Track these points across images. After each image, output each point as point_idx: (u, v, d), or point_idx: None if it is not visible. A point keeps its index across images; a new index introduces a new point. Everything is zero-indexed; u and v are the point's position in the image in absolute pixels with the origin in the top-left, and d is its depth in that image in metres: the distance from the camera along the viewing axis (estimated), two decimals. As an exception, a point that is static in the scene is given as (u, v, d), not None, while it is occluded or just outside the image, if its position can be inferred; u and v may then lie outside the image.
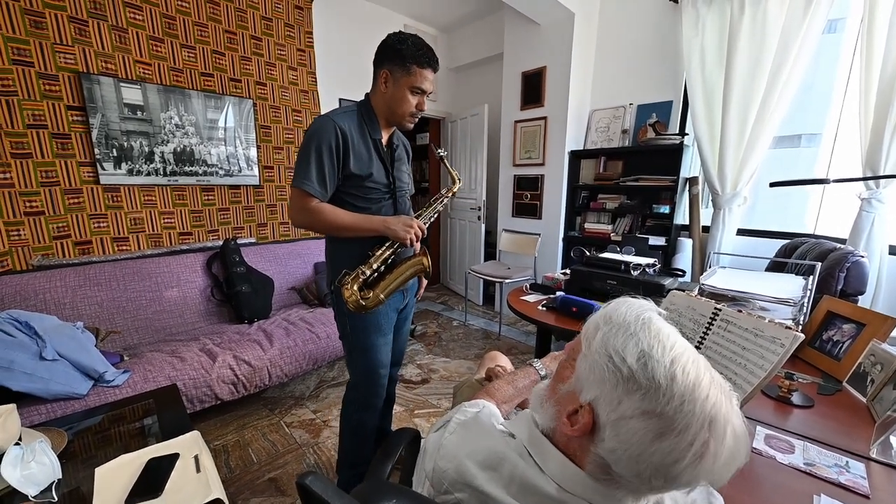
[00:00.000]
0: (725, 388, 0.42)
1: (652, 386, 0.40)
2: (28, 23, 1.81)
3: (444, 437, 0.59)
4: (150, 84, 2.18)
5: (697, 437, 0.39)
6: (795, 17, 2.01)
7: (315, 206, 1.10)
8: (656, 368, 0.41)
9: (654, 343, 0.43)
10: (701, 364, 0.43)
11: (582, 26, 2.73)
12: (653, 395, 0.40)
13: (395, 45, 1.09)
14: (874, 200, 1.82)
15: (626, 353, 0.43)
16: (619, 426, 0.42)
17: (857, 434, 0.77)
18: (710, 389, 0.40)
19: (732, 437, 0.40)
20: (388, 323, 1.27)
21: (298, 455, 1.67)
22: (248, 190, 2.67)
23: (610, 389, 0.43)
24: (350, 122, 1.12)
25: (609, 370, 0.43)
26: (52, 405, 1.37)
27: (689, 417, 0.39)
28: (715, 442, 0.39)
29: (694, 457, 0.39)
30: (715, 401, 0.40)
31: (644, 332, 0.44)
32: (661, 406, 0.40)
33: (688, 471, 0.39)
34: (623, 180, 2.72)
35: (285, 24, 2.69)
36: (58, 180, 1.97)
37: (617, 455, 0.42)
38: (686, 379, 0.40)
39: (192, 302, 2.22)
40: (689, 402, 0.39)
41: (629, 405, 0.41)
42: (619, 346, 0.44)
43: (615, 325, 0.46)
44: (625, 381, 0.42)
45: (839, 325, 1.06)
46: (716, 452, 0.39)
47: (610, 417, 0.42)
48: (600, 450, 0.43)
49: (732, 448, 0.40)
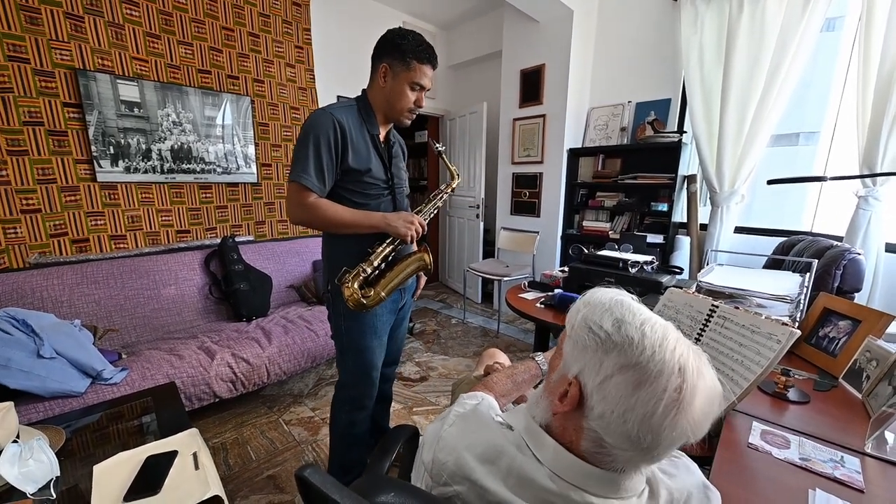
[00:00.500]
0: (694, 348, 0.46)
1: (626, 342, 0.45)
2: (23, 18, 1.80)
3: (444, 428, 0.60)
4: (147, 81, 2.17)
5: (670, 383, 0.42)
6: (794, 15, 2.01)
7: (313, 201, 1.07)
8: (628, 329, 0.46)
9: (626, 312, 0.49)
10: (669, 326, 0.48)
11: (581, 24, 2.73)
12: (627, 349, 0.45)
13: (395, 39, 1.08)
14: (871, 198, 1.83)
15: (602, 322, 0.48)
16: (603, 388, 0.45)
17: (853, 429, 0.77)
18: (677, 343, 0.45)
19: (703, 385, 0.44)
20: (384, 325, 1.25)
21: (297, 452, 1.67)
22: (246, 187, 2.66)
23: (591, 355, 0.47)
24: (349, 116, 1.10)
25: (590, 338, 0.48)
26: (49, 403, 1.36)
27: (660, 364, 0.43)
28: (688, 387, 0.42)
29: (670, 402, 0.42)
30: (682, 352, 0.44)
31: (617, 307, 0.50)
32: (636, 357, 0.44)
33: (668, 419, 0.42)
34: (621, 178, 2.72)
35: (283, 21, 2.68)
36: (54, 178, 1.96)
37: (606, 420, 0.45)
38: (654, 334, 0.45)
39: (191, 300, 2.21)
40: (660, 352, 0.43)
41: (609, 363, 0.45)
42: (596, 318, 0.49)
43: (593, 305, 0.52)
44: (603, 343, 0.47)
45: (835, 322, 1.06)
46: (690, 398, 0.42)
47: (595, 382, 0.46)
48: (591, 420, 0.47)
49: (706, 395, 0.43)
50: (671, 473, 0.55)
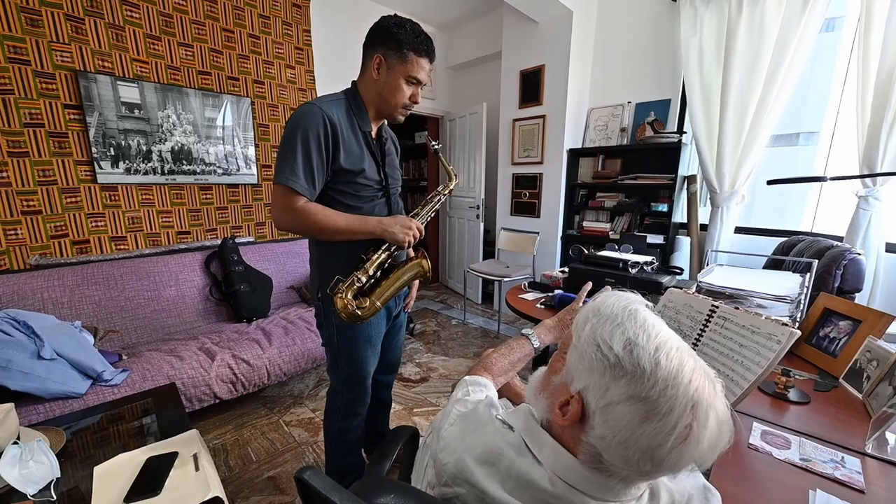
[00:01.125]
0: (710, 374, 0.44)
1: (637, 371, 0.42)
2: (24, 21, 1.80)
3: (445, 428, 0.60)
4: (147, 82, 2.17)
5: (681, 420, 0.40)
6: (793, 16, 2.01)
7: (303, 206, 0.98)
8: (641, 355, 0.42)
9: (640, 332, 0.44)
10: (685, 351, 0.44)
11: (580, 24, 2.73)
12: (638, 379, 0.41)
13: (391, 28, 0.98)
14: (871, 198, 1.83)
15: (612, 342, 0.44)
16: (607, 412, 0.43)
17: (853, 430, 0.77)
18: (693, 374, 0.42)
19: (715, 420, 0.41)
20: (377, 333, 1.20)
21: (297, 454, 1.67)
22: (246, 189, 2.66)
23: (598, 377, 0.44)
24: (338, 111, 1.01)
25: (597, 358, 0.45)
26: (50, 404, 1.36)
27: (672, 401, 0.40)
28: (698, 425, 0.40)
29: (678, 439, 0.40)
30: (698, 385, 0.41)
31: (630, 322, 0.46)
32: (646, 390, 0.41)
33: (673, 454, 0.40)
34: (621, 179, 2.72)
35: (283, 23, 2.68)
36: (55, 179, 1.96)
37: (606, 442, 0.43)
38: (669, 364, 0.42)
39: (191, 301, 2.22)
40: (673, 387, 0.40)
41: (616, 391, 0.42)
42: (606, 335, 0.45)
43: (603, 316, 0.48)
44: (611, 368, 0.43)
45: (835, 322, 1.06)
46: (699, 435, 0.40)
47: (599, 404, 0.44)
48: (591, 438, 0.45)
49: (715, 431, 0.41)
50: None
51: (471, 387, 0.72)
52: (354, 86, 1.10)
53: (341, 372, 1.21)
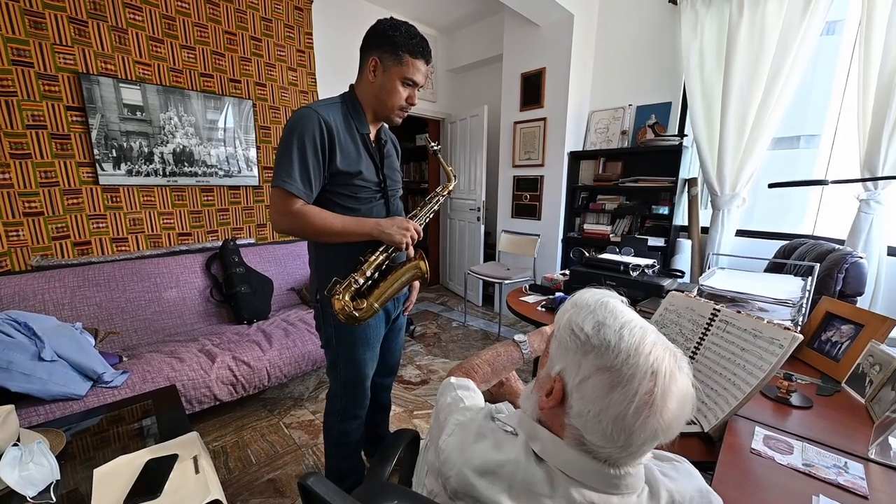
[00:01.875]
0: (674, 351, 0.48)
1: (603, 345, 0.47)
2: (28, 23, 1.81)
3: (443, 439, 0.60)
4: (149, 84, 2.18)
5: (642, 386, 0.44)
6: (794, 19, 2.02)
7: (300, 208, 0.99)
8: (607, 332, 0.48)
9: (608, 315, 0.50)
10: (648, 329, 0.49)
11: (581, 27, 2.74)
12: (604, 352, 0.47)
13: (386, 31, 1.00)
14: (872, 202, 1.82)
15: (584, 325, 0.50)
16: (582, 388, 0.47)
17: (856, 435, 0.77)
18: (654, 347, 0.46)
19: (676, 388, 0.45)
20: (376, 335, 1.20)
21: (297, 456, 1.67)
22: (247, 190, 2.67)
23: (572, 356, 0.49)
24: (335, 114, 1.02)
25: (571, 340, 0.50)
26: (50, 406, 1.36)
27: (633, 368, 0.44)
28: (659, 390, 0.44)
29: (641, 404, 0.43)
30: (658, 356, 0.45)
31: (601, 309, 0.51)
32: (611, 360, 0.46)
33: (639, 421, 0.43)
34: (622, 181, 2.73)
35: (285, 25, 2.69)
36: (57, 181, 1.97)
37: (584, 418, 0.47)
38: (632, 338, 0.46)
39: (192, 303, 2.22)
40: (634, 356, 0.45)
41: (587, 365, 0.47)
42: (579, 320, 0.51)
43: (579, 307, 0.53)
44: (582, 346, 0.49)
45: (838, 326, 1.06)
46: (661, 402, 0.44)
47: (574, 382, 0.48)
48: (572, 417, 0.48)
49: (678, 398, 0.45)
50: (672, 477, 0.55)
51: (460, 391, 0.71)
52: (352, 89, 1.11)
53: (340, 374, 1.21)
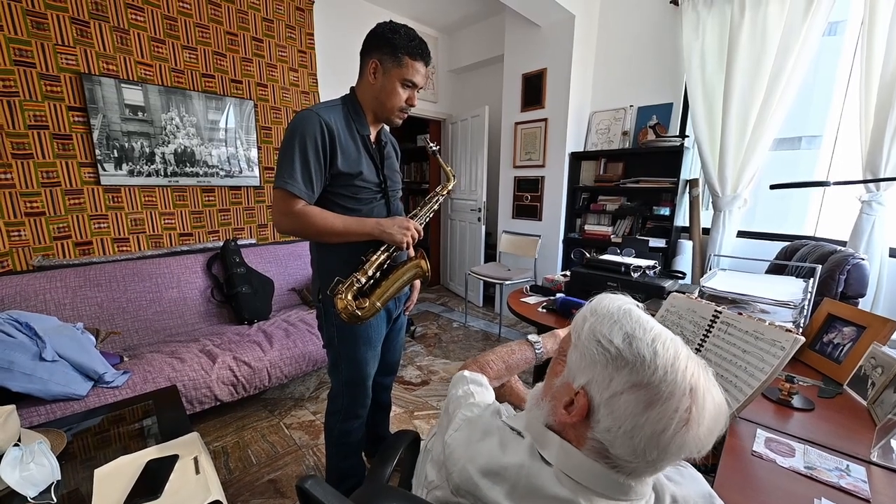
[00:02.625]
0: (702, 364, 0.46)
1: (637, 360, 0.44)
2: (30, 24, 1.81)
3: (450, 433, 0.59)
4: (151, 85, 2.18)
5: (681, 404, 0.42)
6: (795, 20, 2.01)
7: (301, 209, 1.01)
8: (640, 346, 0.45)
9: (636, 326, 0.47)
10: (678, 342, 0.47)
11: (582, 28, 2.74)
12: (639, 368, 0.44)
13: (386, 33, 1.02)
14: (874, 203, 1.82)
15: (612, 336, 0.47)
16: (612, 403, 0.45)
17: (858, 437, 0.76)
18: (688, 362, 0.45)
19: (712, 404, 0.44)
20: (378, 335, 1.21)
21: (298, 457, 1.67)
22: (248, 191, 2.67)
23: (601, 370, 0.46)
24: (336, 117, 1.04)
25: (599, 353, 0.47)
26: (51, 406, 1.36)
27: (672, 385, 0.42)
28: (697, 408, 0.42)
29: (680, 422, 0.42)
30: (693, 371, 0.44)
31: (626, 319, 0.49)
32: (648, 377, 0.43)
33: (676, 438, 0.42)
34: (623, 182, 2.72)
35: (286, 26, 2.70)
36: (59, 181, 1.97)
37: (612, 434, 0.44)
38: (666, 353, 0.44)
39: (193, 303, 2.22)
40: (672, 372, 0.43)
41: (619, 381, 0.45)
42: (605, 331, 0.48)
43: (600, 315, 0.51)
44: (613, 360, 0.46)
45: (840, 328, 1.06)
46: (699, 418, 0.42)
47: (603, 397, 0.46)
48: (597, 432, 0.46)
49: (713, 414, 0.44)
50: (677, 481, 0.55)
51: (472, 385, 0.70)
52: (353, 91, 1.13)
53: (341, 374, 1.22)
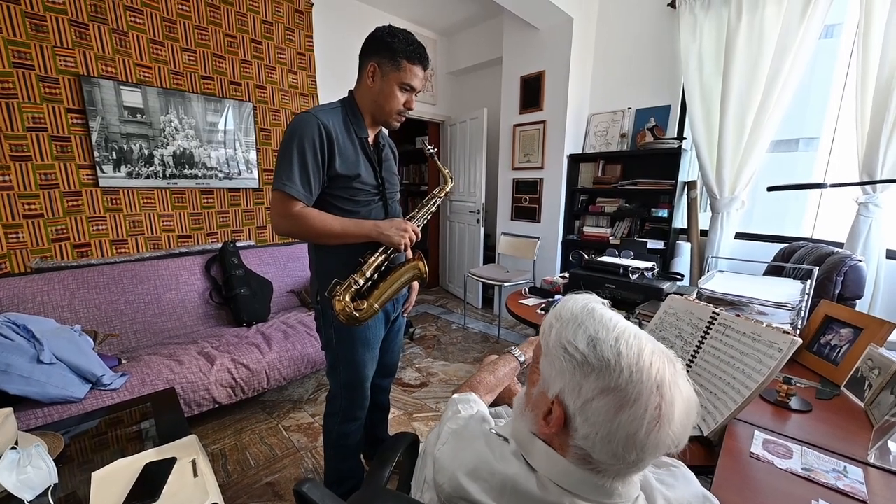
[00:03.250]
0: (669, 355, 0.46)
1: (602, 364, 0.44)
2: (29, 26, 1.82)
3: (438, 448, 0.60)
4: (150, 87, 2.18)
5: (650, 402, 0.42)
6: (792, 22, 2.03)
7: (299, 211, 1.01)
8: (603, 348, 0.45)
9: (599, 327, 0.47)
10: (642, 337, 0.47)
11: (580, 31, 2.75)
12: (605, 372, 0.44)
13: (384, 37, 1.03)
14: (871, 205, 1.83)
15: (577, 342, 0.47)
16: (585, 411, 0.45)
17: (855, 439, 0.77)
18: (653, 357, 0.44)
19: (681, 398, 0.44)
20: (376, 337, 1.22)
21: (296, 459, 1.66)
22: (247, 193, 2.67)
23: (570, 378, 0.46)
24: (334, 119, 1.05)
25: (566, 360, 0.47)
26: (49, 409, 1.36)
27: (639, 385, 0.42)
28: (665, 404, 0.42)
29: (651, 421, 0.42)
30: (659, 366, 0.44)
31: (589, 320, 0.48)
32: (614, 380, 0.43)
33: (651, 436, 0.42)
34: (622, 184, 2.73)
35: (285, 28, 2.70)
36: (57, 183, 1.97)
37: (591, 440, 0.45)
38: (629, 352, 0.44)
39: (191, 305, 2.21)
40: (637, 372, 0.43)
41: (588, 387, 0.44)
42: (570, 336, 0.48)
43: (564, 320, 0.51)
44: (580, 367, 0.45)
45: (837, 330, 1.06)
46: (669, 414, 0.42)
47: (577, 405, 0.45)
48: (577, 440, 0.46)
49: (683, 408, 0.44)
50: (669, 484, 0.55)
51: (460, 405, 0.72)
52: (351, 94, 1.14)
53: (340, 376, 1.22)
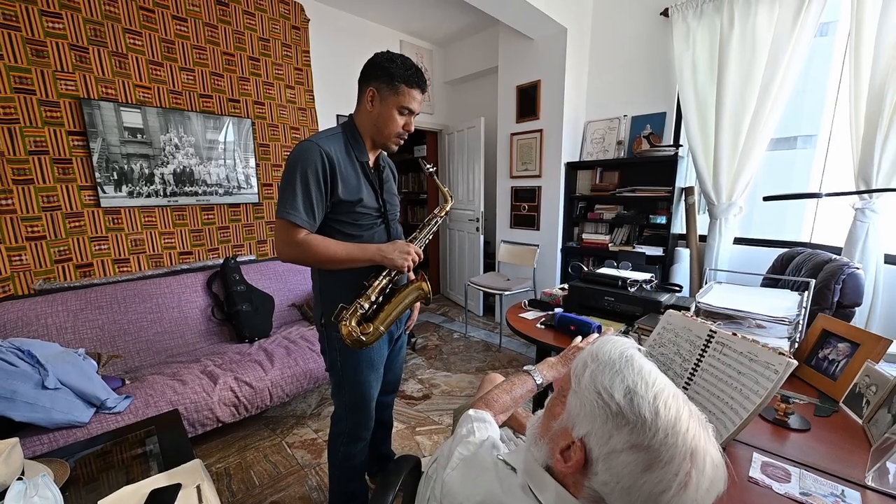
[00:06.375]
0: (702, 420, 0.46)
1: (639, 421, 0.44)
2: (29, 51, 1.84)
3: (447, 472, 0.60)
4: (149, 107, 2.21)
5: (681, 468, 0.42)
6: (785, 27, 2.04)
7: (303, 238, 1.03)
8: (641, 404, 0.45)
9: (638, 380, 0.47)
10: (680, 398, 0.47)
11: (575, 41, 2.77)
12: (640, 429, 0.44)
13: (383, 63, 1.05)
14: (868, 210, 1.83)
15: (613, 390, 0.47)
16: (610, 460, 0.45)
17: (854, 459, 0.77)
18: (690, 422, 0.44)
19: (711, 466, 0.43)
20: (380, 357, 1.23)
21: (300, 477, 1.66)
22: (247, 208, 2.69)
23: (601, 425, 0.46)
24: (336, 146, 1.06)
25: (599, 406, 0.47)
26: (54, 434, 1.37)
27: (672, 449, 0.42)
28: (696, 471, 0.42)
29: (679, 486, 0.42)
30: (694, 433, 0.44)
31: (628, 370, 0.48)
32: (648, 439, 0.43)
33: (674, 500, 0.42)
34: (619, 191, 2.74)
35: (282, 45, 2.73)
36: (59, 205, 1.99)
37: (610, 488, 0.45)
38: (668, 413, 0.44)
39: (193, 322, 2.22)
40: (672, 435, 0.43)
41: (619, 439, 0.44)
42: (606, 382, 0.48)
43: (601, 362, 0.50)
44: (614, 417, 0.45)
45: (834, 344, 1.07)
46: (698, 481, 0.42)
47: (602, 451, 0.45)
48: (594, 483, 0.46)
49: (712, 476, 0.43)
50: None
51: (475, 423, 0.72)
52: (351, 119, 1.15)
53: (345, 396, 1.23)
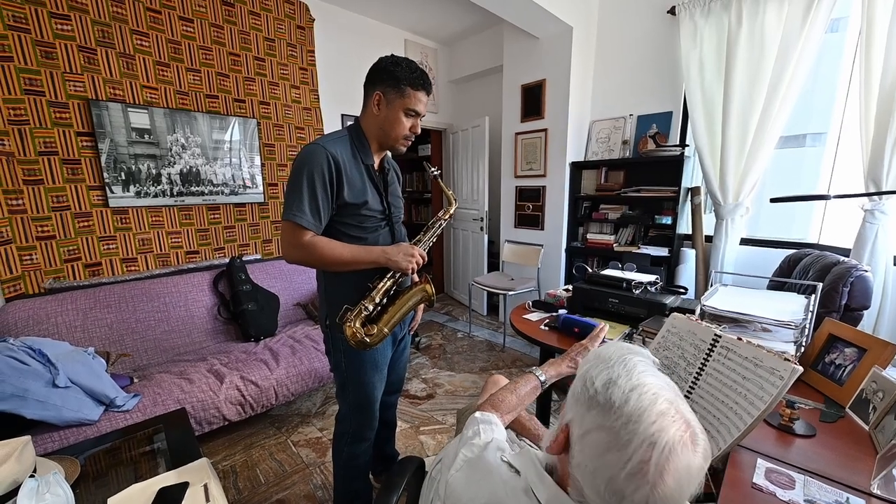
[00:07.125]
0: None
1: (607, 404, 0.46)
2: (39, 53, 1.87)
3: (452, 474, 0.61)
4: (156, 108, 2.23)
5: (636, 454, 0.42)
6: (794, 25, 2.01)
7: (309, 240, 1.04)
8: (615, 392, 0.47)
9: (622, 374, 0.49)
10: (662, 398, 0.45)
11: (580, 40, 2.75)
12: (606, 411, 0.46)
13: (388, 67, 1.07)
14: (877, 212, 1.81)
15: (596, 380, 0.50)
16: (583, 440, 0.48)
17: (859, 466, 0.77)
18: (661, 417, 0.43)
19: (677, 465, 0.42)
20: (384, 358, 1.24)
21: (305, 475, 1.68)
22: (253, 207, 2.71)
23: (580, 408, 0.50)
24: (342, 149, 1.08)
25: (581, 391, 0.51)
26: (64, 432, 1.40)
27: (631, 434, 0.43)
28: (654, 464, 0.41)
29: (632, 472, 0.42)
30: (662, 427, 0.43)
31: (619, 366, 0.50)
32: (611, 421, 0.45)
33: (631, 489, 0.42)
34: (624, 191, 2.73)
35: (288, 45, 2.74)
36: (68, 205, 2.02)
37: (582, 471, 0.47)
38: (639, 403, 0.45)
39: (200, 321, 2.25)
40: (635, 423, 0.43)
41: (589, 419, 0.48)
42: (594, 374, 0.51)
43: (600, 359, 0.53)
44: (589, 400, 0.49)
45: (841, 349, 1.06)
46: (656, 475, 0.41)
47: (578, 433, 0.49)
48: (573, 468, 0.49)
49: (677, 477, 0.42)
50: None
51: (482, 425, 0.73)
52: (357, 122, 1.16)
53: (349, 397, 1.24)
